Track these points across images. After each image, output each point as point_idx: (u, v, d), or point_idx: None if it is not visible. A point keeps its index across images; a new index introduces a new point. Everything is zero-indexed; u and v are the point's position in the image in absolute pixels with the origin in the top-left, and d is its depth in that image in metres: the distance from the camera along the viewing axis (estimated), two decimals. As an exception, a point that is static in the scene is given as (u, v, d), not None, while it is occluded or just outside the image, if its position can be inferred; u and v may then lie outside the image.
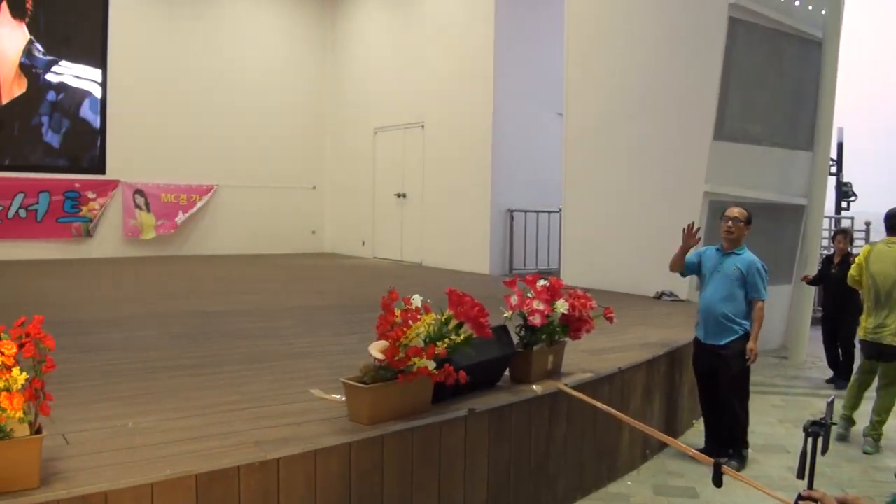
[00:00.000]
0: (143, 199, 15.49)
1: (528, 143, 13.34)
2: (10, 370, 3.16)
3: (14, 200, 14.45)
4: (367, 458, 3.96)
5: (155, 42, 15.73)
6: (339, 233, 17.45)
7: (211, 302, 9.43)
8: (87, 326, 7.47)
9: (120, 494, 3.33)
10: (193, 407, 4.52)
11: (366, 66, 16.52)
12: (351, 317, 8.14)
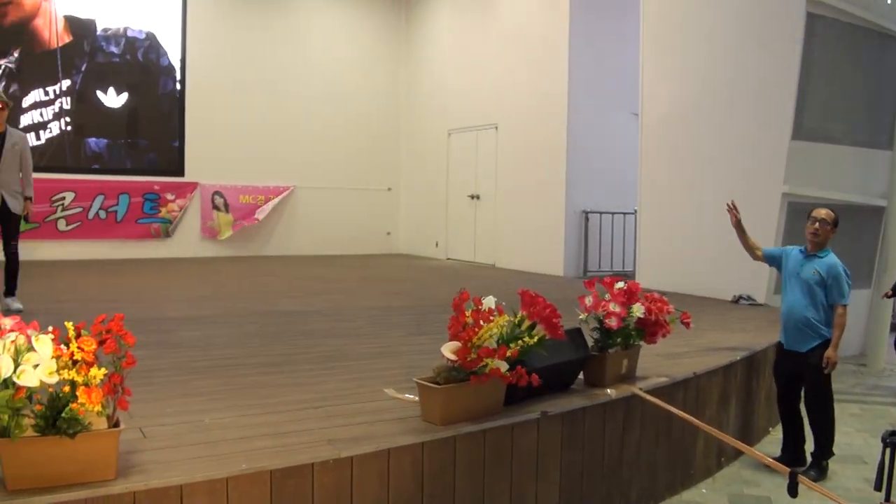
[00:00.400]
0: (223, 201, 15.75)
1: (603, 143, 13.24)
2: (90, 366, 3.25)
3: (94, 202, 14.85)
4: (439, 459, 3.99)
5: (232, 46, 16.01)
6: (412, 234, 17.53)
7: (287, 301, 9.54)
8: (166, 324, 7.61)
9: (195, 488, 3.40)
10: (269, 404, 4.59)
11: (440, 68, 16.58)
12: (424, 317, 8.18)
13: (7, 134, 7.94)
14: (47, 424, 3.23)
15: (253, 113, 16.08)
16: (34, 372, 3.16)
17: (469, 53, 15.60)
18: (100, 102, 15.18)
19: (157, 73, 15.61)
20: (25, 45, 14.63)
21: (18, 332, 3.25)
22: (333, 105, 16.84)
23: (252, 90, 16.11)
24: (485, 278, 12.40)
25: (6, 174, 7.91)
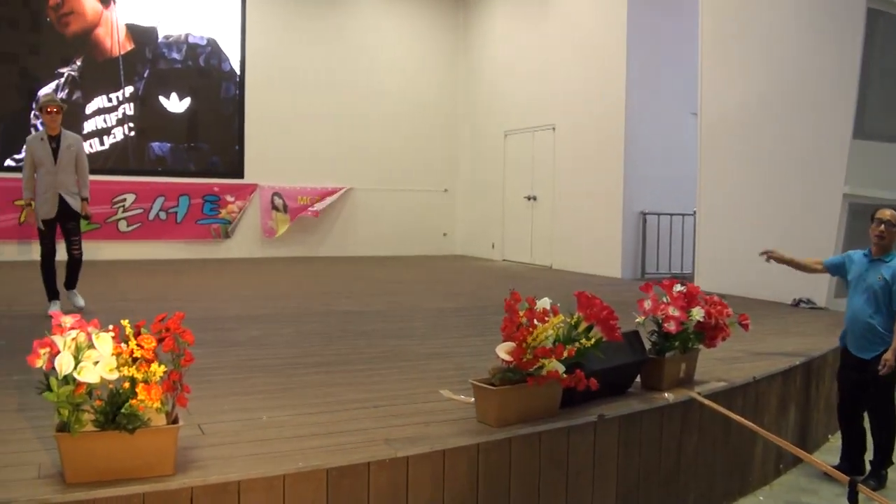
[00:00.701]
0: (281, 202, 15.90)
1: (661, 143, 13.10)
2: (149, 363, 3.30)
3: (155, 203, 15.09)
4: (495, 460, 3.97)
5: (290, 50, 16.15)
6: (469, 235, 17.52)
7: (344, 302, 9.59)
8: (225, 323, 7.71)
9: (253, 484, 3.44)
10: (326, 403, 4.62)
11: (497, 69, 16.54)
12: (480, 318, 8.17)
13: (62, 136, 8.08)
14: (107, 420, 3.29)
15: (311, 115, 16.21)
16: (94, 368, 3.22)
17: (526, 54, 15.55)
18: (162, 108, 15.45)
19: (218, 78, 15.83)
20: (88, 53, 14.94)
21: (79, 330, 3.30)
22: (391, 107, 16.90)
23: (310, 92, 16.24)
24: (541, 280, 12.36)
25: (62, 175, 8.04)
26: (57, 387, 3.22)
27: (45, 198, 8.02)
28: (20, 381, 5.10)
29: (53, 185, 8.00)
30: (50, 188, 8.01)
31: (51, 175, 8.00)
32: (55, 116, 7.94)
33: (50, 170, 7.99)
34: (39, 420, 4.18)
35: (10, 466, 3.55)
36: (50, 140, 8.02)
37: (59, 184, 8.01)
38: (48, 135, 8.03)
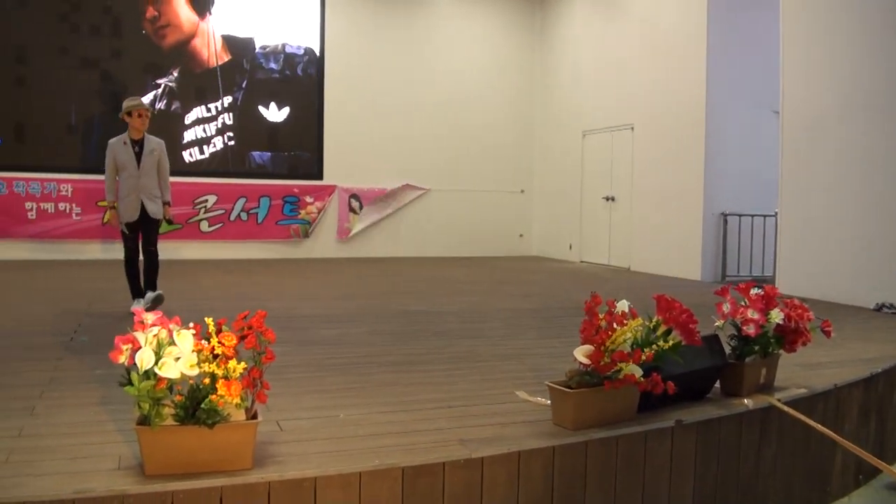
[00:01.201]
0: (358, 203, 16.04)
1: (742, 142, 12.87)
2: (229, 360, 3.36)
3: (236, 204, 15.38)
4: (570, 463, 3.94)
5: (367, 51, 16.32)
6: (546, 236, 17.45)
7: (420, 302, 9.62)
8: (303, 322, 7.79)
9: (329, 481, 3.47)
10: (401, 402, 4.64)
11: (574, 69, 16.44)
12: (556, 320, 8.13)
13: (145, 140, 8.13)
14: (187, 414, 3.36)
15: (388, 117, 16.35)
16: (175, 364, 3.28)
17: (604, 53, 15.42)
18: (261, 116, 15.83)
19: (317, 86, 16.15)
20: (185, 64, 15.35)
21: (161, 327, 3.37)
22: (467, 108, 16.93)
23: (387, 94, 16.37)
24: (619, 282, 12.25)
25: (145, 179, 8.07)
26: (138, 381, 3.30)
27: (128, 201, 8.06)
28: (102, 375, 5.22)
29: (136, 188, 8.05)
30: (132, 192, 8.05)
31: (133, 179, 8.04)
32: (145, 120, 8.03)
33: (133, 173, 8.04)
34: (120, 413, 4.27)
35: (91, 458, 3.64)
36: (133, 144, 8.08)
37: (142, 187, 8.06)
38: (131, 138, 8.08)
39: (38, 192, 14.25)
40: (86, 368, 5.57)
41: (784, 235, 11.11)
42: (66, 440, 3.92)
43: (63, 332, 7.06)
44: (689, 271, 12.90)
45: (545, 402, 4.41)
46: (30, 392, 4.87)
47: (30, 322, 7.75)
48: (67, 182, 14.38)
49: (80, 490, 3.26)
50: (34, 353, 6.18)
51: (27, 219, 14.25)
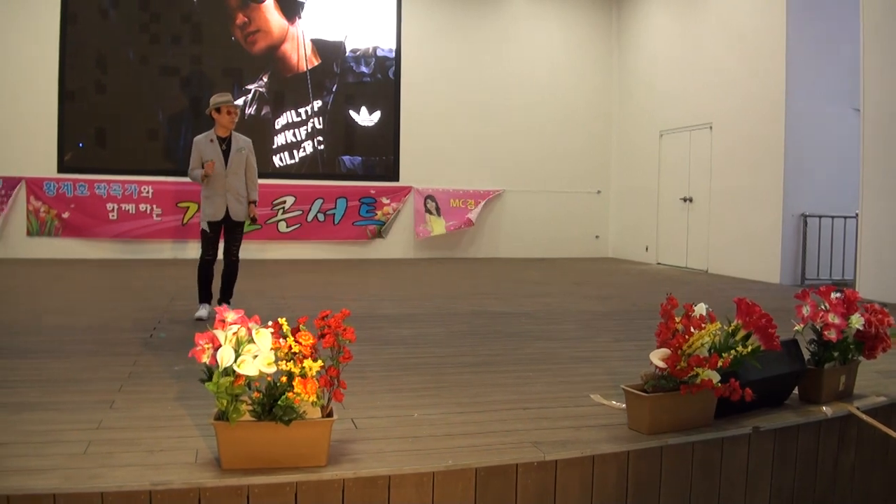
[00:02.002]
0: (434, 204, 16.10)
1: (823, 141, 12.53)
2: (306, 358, 3.40)
3: (313, 205, 15.60)
4: (645, 468, 3.91)
5: (443, 53, 16.40)
6: (622, 237, 17.29)
7: (495, 303, 9.60)
8: (379, 321, 7.85)
9: (403, 479, 3.49)
10: (476, 403, 4.64)
11: (651, 68, 16.25)
12: (632, 323, 8.05)
13: (232, 138, 7.83)
14: (264, 411, 3.41)
15: (464, 118, 16.39)
16: (253, 362, 3.34)
17: (682, 52, 15.21)
18: (352, 120, 16.07)
19: (393, 87, 16.33)
20: (275, 69, 15.63)
21: (240, 325, 3.43)
22: (543, 108, 16.87)
23: (463, 96, 16.41)
24: (696, 284, 12.09)
25: (232, 178, 7.76)
26: (217, 378, 3.36)
27: (213, 201, 7.75)
28: (180, 371, 5.33)
29: (223, 188, 7.73)
30: (220, 191, 7.73)
31: (220, 178, 7.72)
32: (234, 118, 7.78)
33: (220, 172, 7.70)
34: (197, 408, 4.36)
35: (169, 451, 3.72)
36: (220, 141, 7.77)
37: (228, 187, 7.75)
38: (218, 136, 7.78)
39: (119, 194, 14.65)
40: (164, 364, 5.69)
41: (865, 237, 10.81)
42: (144, 433, 4.01)
43: (143, 329, 7.21)
44: (768, 274, 12.66)
45: (620, 405, 4.37)
46: (110, 386, 5.00)
47: (111, 319, 7.93)
48: (148, 184, 14.74)
49: (158, 482, 3.33)
50: (115, 349, 6.33)
51: (109, 219, 14.67)
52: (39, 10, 14.38)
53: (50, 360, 5.86)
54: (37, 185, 14.36)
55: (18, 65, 14.31)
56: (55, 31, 14.48)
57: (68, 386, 5.03)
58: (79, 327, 7.42)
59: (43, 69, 14.43)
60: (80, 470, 3.47)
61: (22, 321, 7.69)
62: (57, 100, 14.53)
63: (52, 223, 14.41)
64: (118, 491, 3.30)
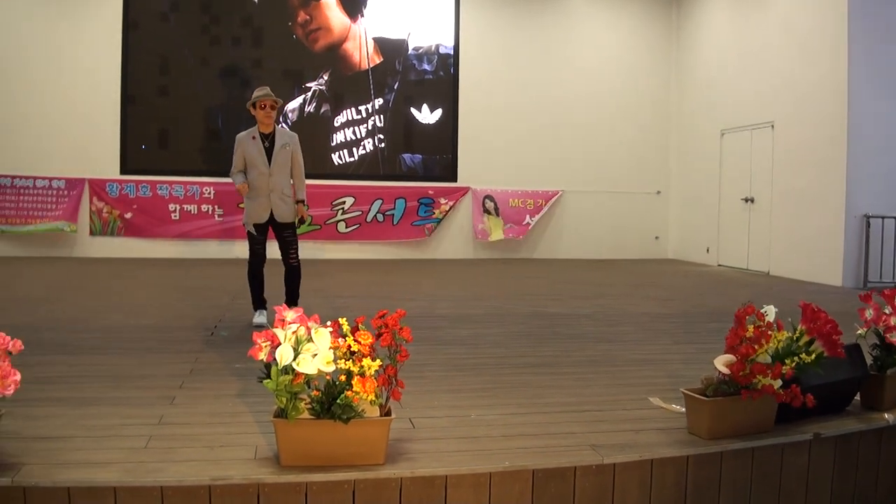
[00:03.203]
0: (493, 205, 16.09)
1: (886, 140, 12.23)
2: (365, 357, 3.42)
3: (372, 206, 15.70)
4: (704, 473, 3.87)
5: (501, 52, 16.37)
6: (682, 239, 17.10)
7: (553, 304, 9.57)
8: (437, 321, 7.87)
9: (460, 479, 3.50)
10: (534, 404, 4.64)
11: (712, 67, 16.01)
12: (692, 325, 7.95)
13: (276, 134, 7.38)
14: (322, 409, 3.45)
15: (522, 118, 16.35)
16: (312, 361, 3.37)
17: (743, 50, 14.97)
18: (413, 118, 16.20)
19: (452, 86, 16.40)
20: (336, 67, 15.81)
21: (300, 325, 3.46)
22: (602, 108, 16.76)
23: (521, 95, 16.37)
24: (757, 286, 11.91)
25: (276, 177, 7.31)
26: (277, 376, 3.39)
27: (257, 202, 7.35)
28: (241, 369, 5.39)
29: (266, 187, 7.30)
30: (262, 191, 7.31)
31: (263, 177, 7.28)
32: (269, 112, 7.24)
33: (263, 171, 7.28)
34: (257, 406, 4.42)
35: (229, 447, 3.77)
36: (262, 138, 7.33)
37: (273, 186, 7.30)
38: (260, 132, 7.34)
39: (181, 195, 14.93)
40: (225, 362, 5.76)
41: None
42: (205, 429, 4.07)
43: (204, 327, 7.31)
44: (830, 276, 12.44)
45: (679, 409, 4.33)
46: (171, 382, 5.08)
47: (173, 317, 8.05)
48: (209, 185, 15.01)
49: (217, 478, 3.38)
50: (176, 346, 6.44)
51: (171, 219, 14.97)
52: (102, 17, 14.82)
53: (112, 357, 5.97)
54: (99, 187, 14.69)
55: (82, 70, 14.74)
56: (117, 38, 14.88)
57: (130, 382, 5.12)
58: (141, 325, 7.55)
59: (106, 74, 14.84)
60: (141, 464, 3.54)
61: (85, 318, 7.84)
62: (119, 103, 14.90)
63: (115, 223, 14.73)
64: (178, 485, 3.36)
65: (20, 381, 3.48)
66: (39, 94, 14.53)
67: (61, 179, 14.56)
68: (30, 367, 4.31)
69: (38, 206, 14.47)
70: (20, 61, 14.51)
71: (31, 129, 14.49)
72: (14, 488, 3.32)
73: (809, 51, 13.05)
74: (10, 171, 14.40)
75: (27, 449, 3.69)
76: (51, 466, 3.49)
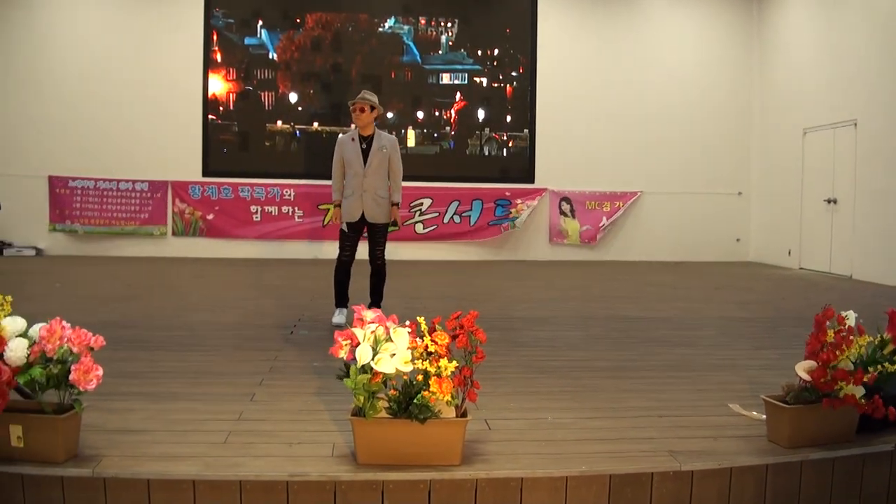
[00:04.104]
0: (569, 207, 16.02)
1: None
2: (441, 358, 3.45)
3: (449, 207, 15.79)
4: (784, 483, 3.80)
5: (579, 53, 16.25)
6: (763, 241, 16.75)
7: (632, 307, 9.48)
8: (514, 323, 7.88)
9: (536, 482, 3.51)
10: (611, 408, 4.62)
11: (794, 64, 15.62)
12: (773, 330, 7.82)
13: (375, 136, 7.57)
14: (399, 409, 3.49)
15: (599, 119, 16.21)
16: (390, 360, 3.41)
17: (825, 46, 14.57)
18: (490, 119, 16.28)
19: (529, 88, 16.41)
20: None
21: (378, 324, 3.50)
22: (680, 107, 16.51)
23: (598, 95, 16.23)
24: (840, 291, 11.64)
25: (371, 178, 7.51)
26: (355, 375, 3.44)
27: (351, 201, 7.56)
28: (319, 367, 5.46)
29: (360, 188, 7.51)
30: (357, 191, 7.52)
31: (358, 178, 7.50)
32: (359, 114, 7.46)
33: (358, 172, 7.50)
34: (335, 404, 4.47)
35: (307, 444, 3.84)
36: (361, 140, 7.56)
37: (367, 187, 7.51)
38: (360, 135, 7.57)
39: (262, 196, 15.21)
40: (304, 360, 5.83)
41: None
42: (283, 426, 4.14)
43: (284, 326, 7.42)
44: (918, 281, 12.13)
45: (760, 416, 4.26)
46: (251, 380, 5.17)
47: (254, 315, 8.20)
48: (290, 187, 15.27)
49: (295, 473, 3.45)
50: (257, 344, 6.56)
51: (252, 221, 15.26)
52: (185, 23, 15.25)
53: (194, 354, 6.10)
54: (182, 189, 15.05)
55: (165, 75, 15.15)
56: (199, 42, 15.30)
57: (211, 378, 5.24)
58: (223, 323, 7.70)
59: (188, 78, 15.26)
60: (220, 458, 3.62)
61: (168, 316, 8.02)
62: (201, 107, 15.29)
63: (197, 224, 15.06)
64: (256, 480, 3.42)
65: (102, 375, 3.57)
66: (123, 98, 14.97)
67: (144, 182, 14.97)
68: (113, 363, 4.42)
69: (122, 209, 14.92)
70: (104, 67, 15.00)
71: (114, 132, 14.96)
72: (94, 479, 3.43)
73: (894, 47, 12.70)
74: (94, 174, 14.90)
75: (109, 441, 3.80)
76: (131, 459, 3.60)
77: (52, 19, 14.94)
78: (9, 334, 3.59)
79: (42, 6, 14.93)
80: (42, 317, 3.85)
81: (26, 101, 14.83)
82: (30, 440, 3.52)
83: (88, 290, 10.08)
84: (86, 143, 14.86)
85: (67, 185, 14.80)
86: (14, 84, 14.86)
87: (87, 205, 14.84)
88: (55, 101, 14.84)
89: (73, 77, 14.89)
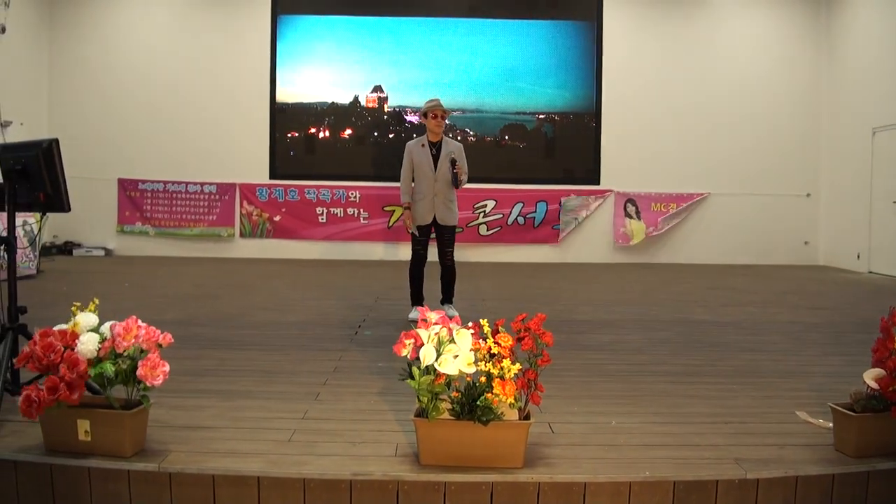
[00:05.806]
0: (634, 208, 15.90)
1: None
2: (504, 360, 3.46)
3: (513, 209, 15.79)
4: (850, 494, 3.73)
5: (645, 54, 16.15)
6: (833, 244, 16.42)
7: (698, 310, 9.37)
8: (577, 326, 7.84)
9: (599, 487, 3.50)
10: (676, 414, 4.58)
11: (863, 63, 15.28)
12: (841, 336, 7.67)
13: (443, 143, 7.99)
14: (462, 410, 3.50)
15: (665, 119, 16.07)
16: (454, 362, 3.43)
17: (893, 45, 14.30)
18: (556, 122, 16.29)
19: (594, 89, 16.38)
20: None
21: (442, 326, 3.52)
22: (748, 108, 16.28)
23: (665, 96, 16.10)
24: (912, 297, 11.42)
25: (441, 183, 7.91)
26: (419, 376, 3.46)
27: (422, 205, 7.96)
28: (383, 367, 5.50)
29: (431, 191, 7.92)
30: (429, 195, 7.93)
31: (430, 182, 7.92)
32: (440, 122, 7.92)
33: (429, 176, 7.92)
34: (399, 404, 4.52)
35: (371, 443, 3.88)
36: (430, 146, 7.97)
37: (439, 191, 7.93)
38: (429, 141, 7.99)
39: (328, 198, 15.42)
40: (368, 360, 5.89)
41: None
42: (347, 425, 4.19)
43: (349, 326, 7.50)
44: None
45: (827, 424, 4.20)
46: (316, 379, 5.24)
47: (320, 316, 8.29)
48: (355, 189, 15.45)
49: (358, 473, 3.49)
50: (322, 344, 6.63)
51: (318, 222, 15.50)
52: (253, 28, 15.59)
53: (261, 353, 6.19)
54: (249, 191, 15.31)
55: (234, 80, 15.56)
56: (266, 48, 15.61)
57: (277, 377, 5.31)
58: (288, 323, 7.79)
59: (256, 83, 15.59)
60: (285, 456, 3.68)
61: (235, 316, 8.14)
62: (269, 111, 15.56)
63: (264, 225, 15.31)
64: (320, 478, 3.47)
65: (169, 372, 3.66)
66: (191, 102, 15.39)
67: (212, 185, 15.29)
68: (182, 361, 4.52)
69: (191, 210, 15.27)
70: (172, 71, 15.41)
71: (182, 136, 15.37)
72: (160, 473, 3.51)
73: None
74: (163, 176, 15.32)
75: (175, 437, 3.89)
76: (197, 454, 3.67)
77: (120, 21, 15.37)
78: (81, 329, 3.70)
79: (111, 9, 15.32)
80: (112, 314, 3.95)
81: (95, 105, 15.27)
82: (97, 434, 3.61)
83: (157, 289, 10.27)
84: (154, 147, 15.28)
85: (137, 188, 15.20)
86: (84, 89, 15.28)
87: (156, 207, 15.19)
88: (123, 106, 15.33)
89: (142, 82, 15.34)
